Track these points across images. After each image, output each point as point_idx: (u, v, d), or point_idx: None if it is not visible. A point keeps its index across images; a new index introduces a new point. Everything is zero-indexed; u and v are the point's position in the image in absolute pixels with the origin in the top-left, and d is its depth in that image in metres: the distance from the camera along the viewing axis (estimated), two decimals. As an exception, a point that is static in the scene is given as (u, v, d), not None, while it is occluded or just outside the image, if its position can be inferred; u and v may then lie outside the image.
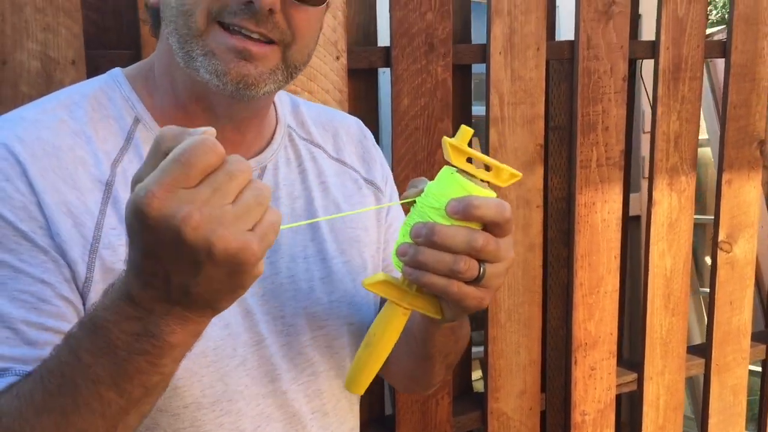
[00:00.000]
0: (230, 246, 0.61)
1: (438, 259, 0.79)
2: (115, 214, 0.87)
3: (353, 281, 1.06)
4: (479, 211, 0.79)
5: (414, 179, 0.88)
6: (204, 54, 0.86)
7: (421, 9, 1.74)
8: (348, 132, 1.15)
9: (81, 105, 0.91)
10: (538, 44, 1.89)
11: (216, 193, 0.61)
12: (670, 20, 2.07)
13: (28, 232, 0.81)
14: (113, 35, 1.48)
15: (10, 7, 1.32)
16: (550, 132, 2.04)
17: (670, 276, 2.22)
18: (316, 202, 1.05)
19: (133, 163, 0.90)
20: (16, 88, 1.33)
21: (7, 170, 0.82)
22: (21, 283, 0.80)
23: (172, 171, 0.60)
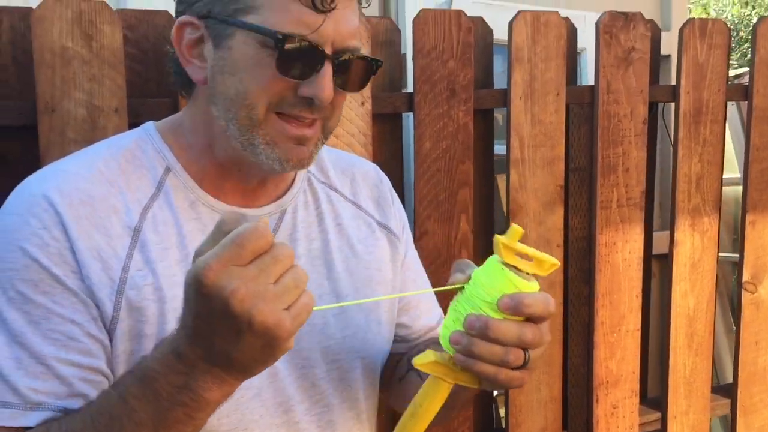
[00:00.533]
0: (267, 320, 0.72)
1: (491, 351, 0.87)
2: (141, 258, 0.95)
3: (366, 317, 1.13)
4: (530, 309, 0.87)
5: (459, 262, 0.96)
6: (266, 143, 0.95)
7: (443, 57, 1.82)
8: (365, 177, 1.23)
9: (116, 158, 1.00)
10: (558, 90, 1.96)
11: (262, 273, 0.72)
12: (690, 65, 2.12)
13: (60, 276, 0.90)
14: (153, 85, 1.59)
15: (60, 60, 1.44)
16: (571, 173, 2.09)
17: (693, 315, 2.24)
18: (331, 243, 1.12)
19: (163, 209, 0.99)
20: (63, 134, 1.45)
21: (46, 219, 0.91)
22: (53, 323, 0.89)
23: (228, 250, 0.71)
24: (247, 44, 0.93)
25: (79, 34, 1.45)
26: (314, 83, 0.92)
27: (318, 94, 0.92)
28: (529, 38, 1.91)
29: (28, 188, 0.96)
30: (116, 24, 1.48)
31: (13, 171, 1.48)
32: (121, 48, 1.49)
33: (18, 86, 1.49)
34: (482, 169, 2.01)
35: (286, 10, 0.90)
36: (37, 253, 0.90)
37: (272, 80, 0.92)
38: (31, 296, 0.89)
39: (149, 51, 1.59)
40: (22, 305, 0.89)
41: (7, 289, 0.89)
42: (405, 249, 1.24)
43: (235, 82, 0.94)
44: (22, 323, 0.88)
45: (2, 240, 0.91)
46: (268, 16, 0.91)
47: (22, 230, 0.90)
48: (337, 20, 0.92)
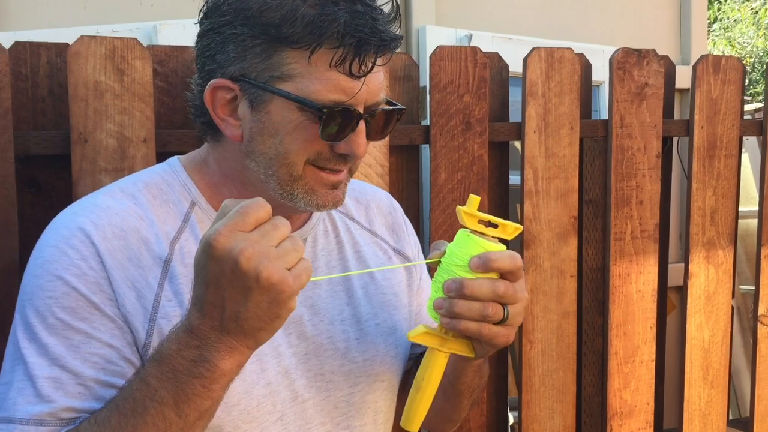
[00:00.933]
0: (272, 276, 0.81)
1: (470, 308, 0.97)
2: (171, 288, 1.01)
3: (385, 341, 1.18)
4: (497, 264, 0.97)
5: (435, 242, 1.06)
6: (305, 192, 1.02)
7: (459, 91, 1.89)
8: (378, 205, 1.28)
9: (144, 192, 1.06)
10: (572, 123, 2.01)
11: (264, 237, 0.82)
12: (704, 101, 2.16)
13: (98, 303, 0.96)
14: (180, 117, 1.67)
15: (94, 93, 1.52)
16: (585, 205, 2.13)
17: (708, 348, 2.25)
18: (351, 270, 1.17)
19: (189, 241, 1.04)
20: (94, 163, 1.53)
21: (84, 251, 0.97)
22: (92, 347, 0.95)
23: (233, 218, 0.82)
24: (287, 110, 0.96)
25: (112, 68, 1.53)
26: (350, 141, 0.98)
27: (354, 150, 0.99)
28: (543, 74, 1.97)
29: (65, 222, 1.01)
30: (147, 59, 1.56)
31: (47, 197, 1.58)
32: (150, 82, 1.57)
33: (53, 117, 1.58)
34: (498, 200, 2.06)
35: (325, 79, 0.94)
36: (76, 282, 0.95)
37: (312, 142, 0.98)
38: (71, 322, 0.95)
39: (177, 84, 1.67)
40: (62, 331, 0.94)
41: (47, 316, 0.95)
42: (419, 273, 1.29)
43: (275, 144, 0.98)
44: (62, 348, 0.94)
45: (42, 270, 0.97)
46: (305, 84, 0.94)
47: (61, 261, 0.96)
48: (369, 80, 0.97)
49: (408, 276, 1.25)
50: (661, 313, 2.23)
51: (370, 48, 0.93)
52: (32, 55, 1.56)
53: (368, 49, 0.93)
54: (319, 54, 0.93)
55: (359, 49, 0.92)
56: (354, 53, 0.92)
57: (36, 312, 0.95)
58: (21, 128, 1.53)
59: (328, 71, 0.93)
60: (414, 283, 1.27)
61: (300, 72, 0.94)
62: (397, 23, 0.99)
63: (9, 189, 1.48)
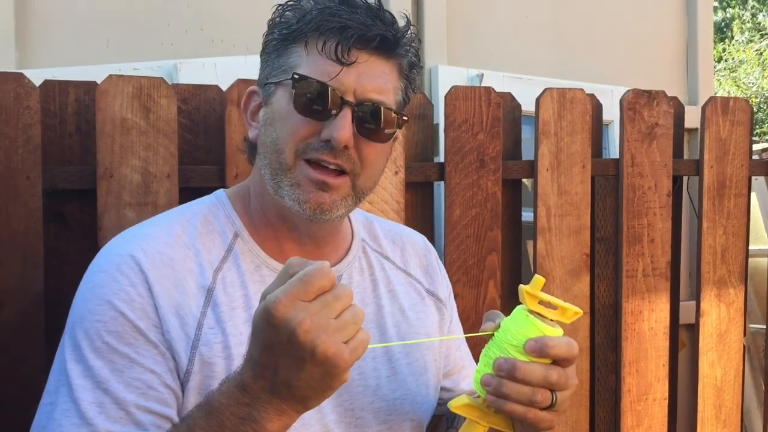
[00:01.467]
0: (329, 350, 0.80)
1: (519, 391, 0.95)
2: (213, 316, 1.03)
3: (416, 381, 1.19)
4: (553, 351, 0.95)
5: (489, 312, 1.05)
6: (291, 185, 1.04)
7: (474, 130, 1.93)
8: (414, 247, 1.31)
9: (192, 223, 1.10)
10: (584, 162, 2.05)
11: (325, 308, 0.81)
12: (713, 141, 2.20)
13: (144, 329, 0.99)
14: (202, 153, 1.71)
15: (120, 129, 1.57)
16: (597, 242, 2.16)
17: (721, 386, 2.25)
18: (384, 309, 1.19)
19: (231, 272, 1.07)
20: (119, 198, 1.57)
21: (132, 277, 1.00)
22: (135, 371, 0.97)
23: (296, 286, 0.80)
24: (282, 97, 1.05)
25: (138, 106, 1.58)
26: (331, 125, 1.02)
27: (333, 133, 1.01)
28: (556, 113, 2.01)
29: (116, 248, 1.05)
30: (172, 97, 1.61)
31: (72, 231, 1.61)
32: (175, 119, 1.61)
33: (80, 153, 1.62)
34: (510, 236, 2.09)
35: (315, 64, 1.03)
36: (124, 307, 0.98)
37: (298, 125, 1.03)
38: (116, 346, 0.97)
39: (200, 122, 1.72)
40: (107, 354, 0.97)
41: (95, 339, 0.98)
42: (450, 315, 1.30)
43: (271, 132, 1.06)
44: (107, 371, 0.96)
45: (92, 294, 1.00)
46: (302, 71, 1.03)
47: (111, 286, 1.00)
48: (361, 73, 1.02)
49: (440, 317, 1.27)
50: (673, 351, 2.24)
51: (352, 35, 1.01)
52: (61, 93, 1.61)
53: (351, 35, 1.00)
54: (312, 43, 1.03)
55: (342, 35, 1.01)
56: (337, 39, 1.01)
57: (85, 334, 0.98)
58: (49, 163, 1.57)
59: (318, 57, 1.02)
60: (445, 324, 1.28)
61: (298, 62, 1.04)
62: (396, 27, 1.06)
63: (36, 222, 1.51)
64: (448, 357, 1.28)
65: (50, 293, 1.55)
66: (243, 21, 2.46)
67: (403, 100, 1.11)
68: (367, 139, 1.05)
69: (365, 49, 1.03)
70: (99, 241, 1.56)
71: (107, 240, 1.55)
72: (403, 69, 1.09)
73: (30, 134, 1.51)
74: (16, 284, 1.49)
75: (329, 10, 1.03)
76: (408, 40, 1.08)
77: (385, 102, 1.05)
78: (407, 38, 1.08)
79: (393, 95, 1.07)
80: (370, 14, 1.04)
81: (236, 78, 1.71)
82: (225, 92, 1.69)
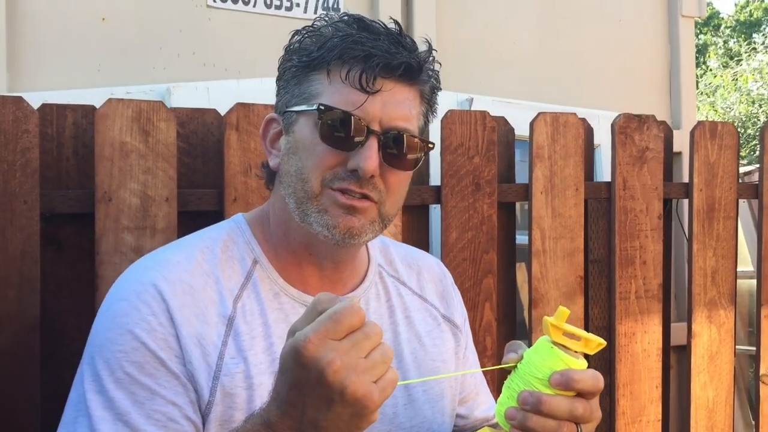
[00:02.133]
0: (358, 391, 0.79)
1: (545, 425, 0.94)
2: (234, 345, 1.02)
3: (432, 408, 1.18)
4: (579, 385, 0.94)
5: (512, 343, 1.03)
6: (318, 212, 1.03)
7: (469, 153, 1.94)
8: (430, 272, 1.30)
9: (213, 250, 1.08)
10: (577, 185, 2.07)
11: (354, 348, 0.80)
12: (702, 165, 2.23)
13: (165, 360, 0.97)
14: (200, 176, 1.71)
15: (119, 153, 1.56)
16: (590, 264, 2.17)
17: (713, 408, 2.27)
18: (401, 335, 1.18)
19: (251, 299, 1.06)
20: (117, 221, 1.55)
21: (154, 306, 0.99)
22: (156, 403, 0.96)
23: (325, 325, 0.79)
24: (307, 127, 1.04)
25: (138, 130, 1.57)
26: (358, 155, 1.01)
27: (360, 164, 1.00)
28: (549, 137, 2.03)
29: (136, 276, 1.03)
30: (171, 121, 1.60)
31: (68, 254, 1.59)
32: (174, 142, 1.61)
33: (77, 177, 1.61)
34: (505, 259, 2.10)
35: (338, 92, 1.02)
36: (145, 337, 0.97)
37: (324, 155, 1.02)
38: (138, 377, 0.96)
39: (197, 145, 1.72)
40: (128, 385, 0.95)
41: (116, 369, 0.96)
42: (465, 341, 1.30)
43: (295, 161, 1.05)
44: (128, 403, 0.95)
45: (113, 323, 0.98)
46: (324, 100, 1.03)
47: (132, 315, 0.98)
48: (385, 102, 1.02)
49: (456, 343, 1.26)
50: (665, 373, 2.25)
51: (377, 63, 1.00)
52: (59, 117, 1.59)
53: (376, 64, 1.00)
54: (335, 71, 1.02)
55: (366, 64, 1.00)
56: (361, 67, 1.00)
57: (106, 364, 0.96)
58: (46, 187, 1.55)
59: (342, 86, 1.01)
60: (460, 351, 1.28)
61: (321, 91, 1.03)
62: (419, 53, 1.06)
63: (33, 247, 1.49)
64: (463, 383, 1.27)
65: (46, 318, 1.53)
66: (235, 45, 2.47)
67: (425, 124, 1.11)
68: (393, 168, 1.04)
69: (390, 78, 1.02)
70: (96, 265, 1.54)
71: (104, 264, 1.56)
72: (425, 94, 1.09)
73: (28, 158, 1.49)
74: (12, 309, 1.47)
75: (352, 38, 1.02)
76: (430, 65, 1.08)
77: (409, 129, 1.05)
78: (429, 63, 1.07)
79: (416, 121, 1.07)
80: (392, 41, 1.03)
81: (229, 101, 1.71)
82: (224, 116, 1.68)
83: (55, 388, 1.52)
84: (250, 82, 2.35)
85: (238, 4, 2.49)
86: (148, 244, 1.57)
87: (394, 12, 2.58)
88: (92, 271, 1.55)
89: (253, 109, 1.69)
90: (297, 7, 2.57)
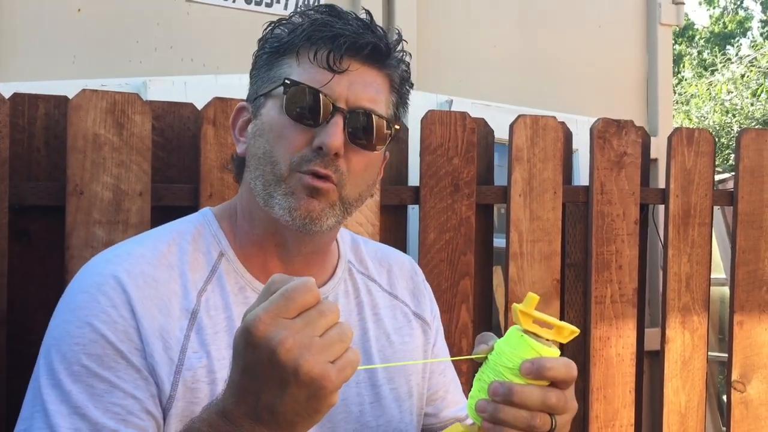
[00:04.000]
0: (313, 370, 0.75)
1: (516, 416, 0.90)
2: (197, 340, 0.99)
3: (399, 407, 1.16)
4: (551, 372, 0.91)
5: (483, 334, 1.00)
6: (284, 194, 1.01)
7: (449, 154, 1.93)
8: (401, 268, 1.28)
9: (178, 242, 1.06)
10: (555, 189, 2.07)
11: (308, 326, 0.76)
12: (679, 171, 2.24)
13: (125, 352, 0.94)
14: (175, 171, 1.68)
15: (92, 145, 1.52)
16: (567, 268, 2.17)
17: (685, 413, 2.28)
18: (369, 332, 1.16)
19: (215, 293, 1.04)
20: (89, 215, 1.52)
21: (115, 298, 0.96)
22: (115, 396, 0.93)
23: (276, 303, 0.76)
24: (273, 107, 1.03)
25: (112, 122, 1.54)
26: (323, 132, 1.00)
27: (325, 140, 0.98)
28: (529, 140, 2.03)
29: (97, 268, 1.00)
30: (147, 114, 1.57)
31: (37, 249, 1.55)
32: (149, 136, 1.58)
33: (48, 168, 1.57)
34: (482, 261, 2.09)
35: (306, 72, 1.02)
36: (105, 329, 0.94)
37: (291, 134, 1.01)
38: (96, 370, 0.93)
39: (173, 139, 1.68)
40: (86, 378, 0.92)
41: (72, 362, 0.93)
42: (435, 338, 1.28)
43: (263, 143, 1.03)
44: (85, 396, 0.92)
45: (72, 316, 0.95)
46: (294, 78, 1.02)
47: (92, 307, 0.95)
48: (352, 81, 1.02)
49: (425, 340, 1.24)
50: (638, 377, 2.26)
51: (344, 42, 1.00)
52: (30, 107, 1.56)
53: (343, 43, 1.00)
54: (303, 53, 1.02)
55: (333, 44, 1.00)
56: (329, 47, 1.00)
57: (62, 357, 0.93)
58: (15, 179, 1.51)
59: (310, 66, 1.02)
60: (429, 348, 1.26)
61: (289, 72, 1.03)
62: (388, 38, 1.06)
63: (1, 240, 1.45)
64: (431, 381, 1.25)
65: (13, 312, 1.49)
66: (214, 40, 2.44)
67: (395, 115, 1.09)
68: (357, 147, 1.03)
69: (357, 58, 1.02)
70: (66, 260, 1.51)
71: (75, 259, 1.52)
72: (395, 82, 1.08)
73: (-2, 148, 1.45)
74: (-23, 304, 1.43)
75: (321, 20, 1.03)
76: (399, 52, 1.08)
77: (376, 110, 1.03)
78: (398, 51, 1.07)
79: (384, 106, 1.06)
80: (361, 25, 1.04)
81: (206, 96, 1.68)
82: (200, 111, 1.66)
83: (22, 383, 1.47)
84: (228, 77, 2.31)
85: (218, -2, 2.45)
86: (120, 239, 1.53)
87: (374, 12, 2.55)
88: (62, 265, 1.51)
89: (231, 104, 1.66)
90: (277, 3, 2.55)
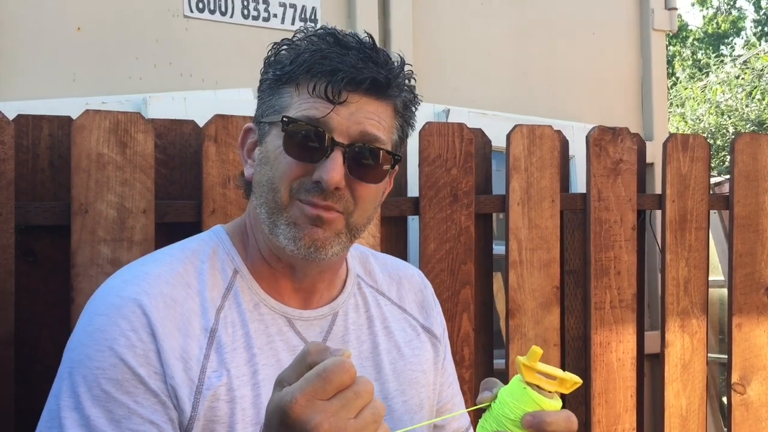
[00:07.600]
0: None
1: None
2: (216, 358, 1.01)
3: (411, 420, 1.17)
4: (551, 427, 0.95)
5: (487, 380, 1.03)
6: (287, 224, 1.02)
7: (447, 165, 1.96)
8: (410, 282, 1.30)
9: (193, 261, 1.07)
10: (553, 197, 2.09)
11: (344, 408, 0.77)
12: (675, 176, 2.27)
13: (144, 377, 0.95)
14: (177, 188, 1.70)
15: (96, 165, 1.54)
16: (566, 275, 2.20)
17: (686, 416, 2.30)
18: (380, 346, 1.18)
19: (232, 310, 1.05)
20: (94, 233, 1.54)
21: (135, 321, 0.97)
22: (133, 422, 0.94)
23: (314, 384, 0.76)
24: (276, 138, 1.04)
25: (115, 141, 1.56)
26: (322, 167, 1.00)
27: (323, 176, 0.99)
28: (526, 149, 2.06)
29: (115, 290, 1.01)
30: (149, 132, 1.59)
31: (43, 267, 1.57)
32: (152, 154, 1.60)
33: (52, 188, 1.59)
34: (482, 270, 2.11)
35: (306, 102, 1.02)
36: (125, 353, 0.95)
37: (290, 166, 1.02)
38: (115, 395, 0.94)
39: (175, 156, 1.71)
40: (105, 403, 0.94)
41: (93, 386, 0.94)
42: (444, 352, 1.30)
43: (266, 171, 1.05)
44: (104, 421, 0.93)
45: (91, 339, 0.96)
46: (292, 112, 1.03)
47: (111, 331, 0.96)
48: (352, 113, 1.01)
49: (435, 353, 1.26)
50: (639, 381, 2.28)
51: (342, 78, 1.00)
52: (34, 128, 1.58)
53: (341, 78, 1.00)
54: (303, 85, 1.03)
55: (332, 78, 1.00)
56: (327, 80, 1.00)
57: (83, 380, 0.94)
58: (20, 199, 1.53)
59: (309, 98, 1.02)
60: (439, 361, 1.28)
61: (290, 102, 1.04)
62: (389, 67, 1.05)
63: (8, 259, 1.47)
64: (440, 394, 1.28)
65: (20, 331, 1.50)
66: (212, 55, 2.46)
67: (399, 138, 1.10)
68: (360, 180, 1.03)
69: (356, 91, 1.02)
70: (72, 278, 1.53)
71: (80, 277, 1.54)
72: (398, 108, 1.08)
73: (3, 169, 1.47)
74: (-14, 323, 1.45)
75: (321, 52, 1.02)
76: (402, 80, 1.07)
77: (378, 140, 1.03)
78: (401, 78, 1.07)
79: (387, 134, 1.06)
80: (361, 56, 1.03)
81: (206, 112, 1.70)
82: (202, 128, 1.68)
83: (29, 402, 1.49)
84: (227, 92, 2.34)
85: (216, 14, 2.48)
86: (125, 257, 1.55)
87: (371, 23, 2.59)
88: (67, 283, 1.53)
89: (232, 121, 1.69)
90: (274, 17, 2.57)
